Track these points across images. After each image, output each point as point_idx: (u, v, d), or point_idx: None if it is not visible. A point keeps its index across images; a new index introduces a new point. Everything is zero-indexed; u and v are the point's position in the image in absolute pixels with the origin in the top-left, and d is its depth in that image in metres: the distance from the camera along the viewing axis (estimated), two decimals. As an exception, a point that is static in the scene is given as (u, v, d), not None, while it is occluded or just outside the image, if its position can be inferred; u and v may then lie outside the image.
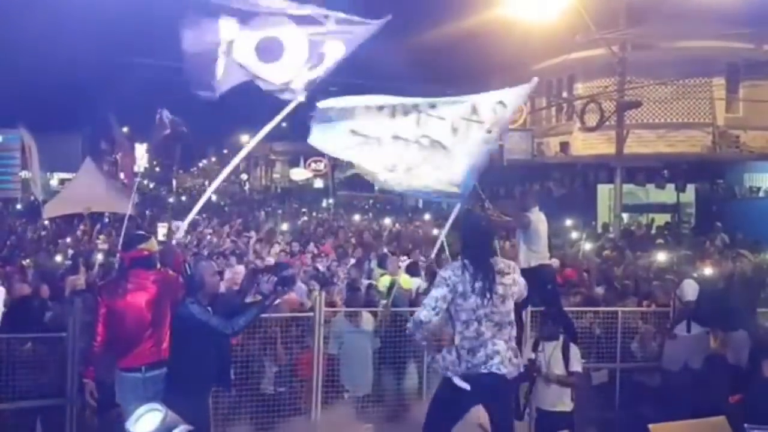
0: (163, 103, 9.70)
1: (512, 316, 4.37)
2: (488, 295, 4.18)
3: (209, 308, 4.78)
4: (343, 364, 6.50)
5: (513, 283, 4.37)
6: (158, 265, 4.99)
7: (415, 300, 7.03)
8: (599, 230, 18.63)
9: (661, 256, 11.22)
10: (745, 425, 4.08)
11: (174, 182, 53.09)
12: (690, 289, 7.30)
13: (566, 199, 20.41)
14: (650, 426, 4.21)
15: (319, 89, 5.66)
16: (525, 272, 6.14)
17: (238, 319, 4.72)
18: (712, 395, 5.79)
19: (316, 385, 6.18)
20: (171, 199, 30.45)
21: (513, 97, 5.56)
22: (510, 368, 4.22)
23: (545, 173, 22.16)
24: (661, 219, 20.72)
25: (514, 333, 4.39)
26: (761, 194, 19.77)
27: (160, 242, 6.70)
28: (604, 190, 21.04)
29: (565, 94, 22.47)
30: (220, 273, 7.65)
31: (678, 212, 20.72)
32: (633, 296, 8.46)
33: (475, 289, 4.19)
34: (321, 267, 10.55)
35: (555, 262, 8.62)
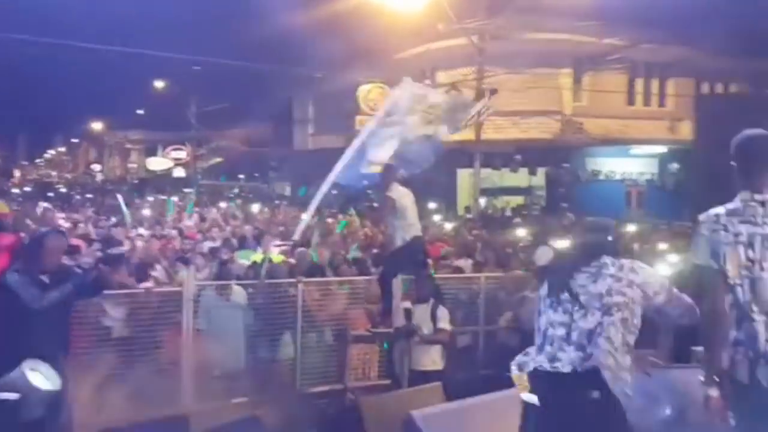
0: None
1: None
2: None
3: (46, 280, 4.61)
4: (212, 339, 6.39)
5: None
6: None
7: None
8: (461, 212, 19.56)
9: (518, 232, 12.08)
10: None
11: (17, 173, 49.01)
12: (543, 255, 7.83)
13: (429, 183, 21.11)
14: (361, 399, 4.46)
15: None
16: (402, 247, 6.44)
17: (51, 293, 4.56)
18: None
19: (185, 360, 6.06)
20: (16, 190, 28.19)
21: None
22: None
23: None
24: (515, 201, 22.09)
25: None
26: (601, 177, 21.63)
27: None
28: (464, 175, 22.05)
29: (428, 83, 23.18)
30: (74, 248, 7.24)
31: (530, 194, 22.17)
32: (494, 266, 9.00)
33: None
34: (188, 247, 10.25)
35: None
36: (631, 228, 13.38)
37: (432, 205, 17.16)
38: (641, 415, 4.19)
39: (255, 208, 19.95)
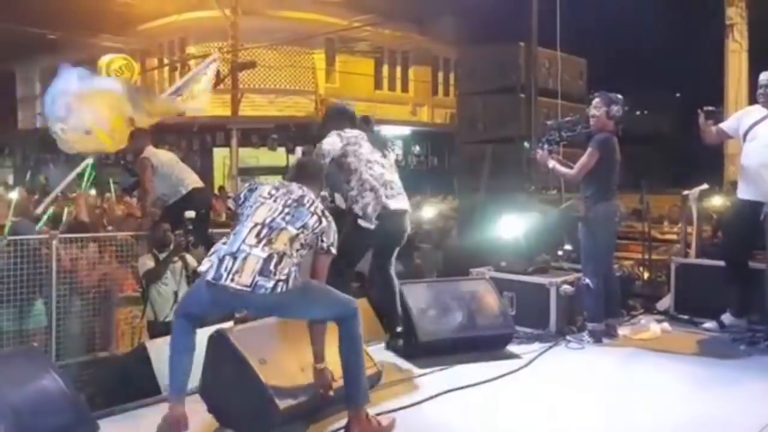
0: None
1: None
2: None
3: None
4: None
5: None
6: None
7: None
8: (216, 192, 18.93)
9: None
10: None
11: None
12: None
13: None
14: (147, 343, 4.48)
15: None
16: (178, 202, 6.03)
17: None
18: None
19: None
20: None
21: None
22: None
23: (161, 136, 21.46)
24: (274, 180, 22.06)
25: None
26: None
27: None
28: (219, 154, 21.42)
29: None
30: None
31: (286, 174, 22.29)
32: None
33: None
34: None
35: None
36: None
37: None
38: (438, 323, 4.41)
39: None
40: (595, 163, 4.82)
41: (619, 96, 4.88)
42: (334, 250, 3.25)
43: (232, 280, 2.94)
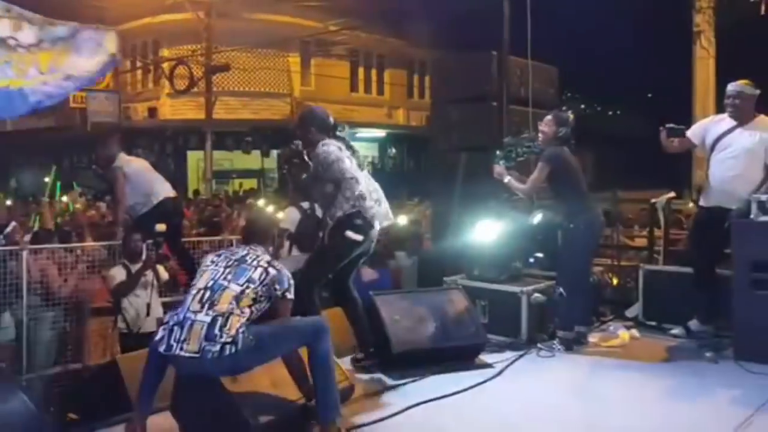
0: None
1: None
2: None
3: None
4: None
5: None
6: None
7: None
8: (190, 197, 18.79)
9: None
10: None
11: None
12: (288, 218, 7.91)
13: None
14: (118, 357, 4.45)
15: None
16: (150, 212, 5.98)
17: None
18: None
19: None
20: None
21: None
22: None
23: (133, 139, 21.28)
24: (248, 184, 21.96)
25: None
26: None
27: None
28: (193, 157, 21.30)
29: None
30: None
31: (263, 177, 22.20)
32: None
33: None
34: None
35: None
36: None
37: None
38: (411, 333, 4.44)
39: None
40: (550, 176, 4.89)
41: (571, 116, 4.98)
42: (290, 295, 3.26)
43: (182, 348, 2.97)
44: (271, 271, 3.23)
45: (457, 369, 4.39)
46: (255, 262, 3.24)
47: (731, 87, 4.97)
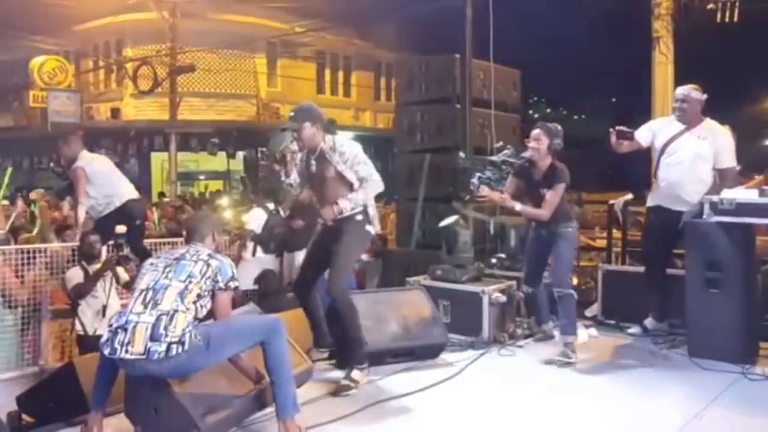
0: None
1: None
2: None
3: None
4: None
5: None
6: None
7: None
8: (155, 200, 18.54)
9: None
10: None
11: None
12: (253, 219, 7.87)
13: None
14: (75, 360, 4.42)
15: None
16: (112, 214, 5.88)
17: None
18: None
19: None
20: None
21: None
22: None
23: (96, 140, 20.93)
24: (214, 186, 21.78)
25: None
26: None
27: None
28: (157, 159, 21.01)
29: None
30: None
31: (228, 178, 22.03)
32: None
33: None
34: None
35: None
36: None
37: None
38: (373, 333, 4.46)
39: None
40: None
41: (559, 128, 4.85)
42: (233, 285, 3.24)
43: (126, 351, 2.93)
44: (213, 262, 3.20)
45: (419, 368, 4.43)
46: (195, 257, 3.22)
47: (679, 91, 5.12)
